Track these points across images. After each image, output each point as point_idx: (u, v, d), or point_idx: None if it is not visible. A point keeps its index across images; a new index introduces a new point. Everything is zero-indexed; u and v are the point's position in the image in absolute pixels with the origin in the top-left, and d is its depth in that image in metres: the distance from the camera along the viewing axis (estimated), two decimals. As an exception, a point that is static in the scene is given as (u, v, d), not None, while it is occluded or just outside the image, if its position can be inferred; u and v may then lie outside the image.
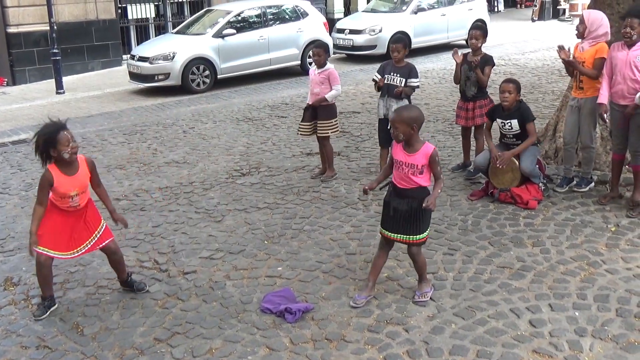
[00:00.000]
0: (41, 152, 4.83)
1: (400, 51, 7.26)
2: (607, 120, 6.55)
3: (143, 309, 4.98)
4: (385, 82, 7.32)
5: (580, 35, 6.51)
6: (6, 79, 16.35)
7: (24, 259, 5.96)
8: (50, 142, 4.75)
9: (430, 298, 4.89)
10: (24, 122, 11.93)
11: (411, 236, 4.78)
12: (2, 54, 16.39)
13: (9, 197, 7.75)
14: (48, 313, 4.97)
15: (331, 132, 7.63)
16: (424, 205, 4.59)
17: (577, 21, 6.74)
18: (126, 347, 4.48)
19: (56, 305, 5.06)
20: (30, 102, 13.97)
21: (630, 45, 6.11)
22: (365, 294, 4.92)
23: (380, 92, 7.47)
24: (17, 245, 6.30)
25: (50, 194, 4.84)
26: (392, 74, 7.29)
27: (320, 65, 7.47)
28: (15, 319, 4.94)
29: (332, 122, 7.55)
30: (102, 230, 5.07)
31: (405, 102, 7.22)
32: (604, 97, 6.29)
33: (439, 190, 4.82)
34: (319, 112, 7.50)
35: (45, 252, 4.78)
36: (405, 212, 4.73)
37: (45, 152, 4.81)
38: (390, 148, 7.39)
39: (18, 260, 5.96)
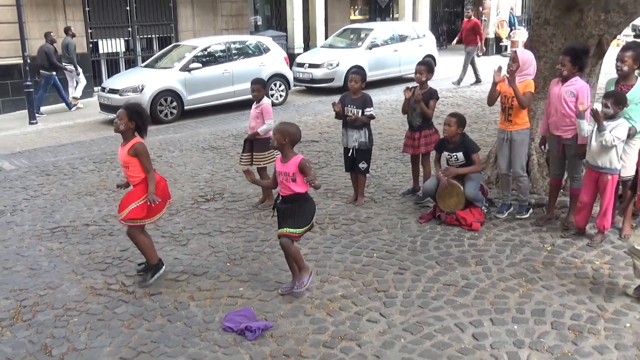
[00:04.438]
0: None
1: (358, 82, 7.37)
2: (545, 148, 6.74)
3: (110, 329, 4.91)
4: (345, 113, 7.40)
5: (513, 72, 6.57)
6: (-20, 110, 16.07)
7: (-5, 283, 5.87)
8: None
9: (381, 314, 4.93)
10: (-3, 151, 11.73)
11: (285, 229, 5.18)
12: (-23, 86, 16.13)
13: (-19, 223, 7.60)
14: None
15: (266, 163, 7.55)
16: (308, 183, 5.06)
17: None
18: (93, 367, 4.43)
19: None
20: (3, 132, 13.71)
21: (563, 81, 6.31)
22: (290, 285, 5.41)
23: (342, 124, 7.56)
24: (-12, 270, 6.19)
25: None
26: (349, 105, 7.38)
27: (258, 100, 7.46)
28: (-15, 342, 4.84)
29: (266, 155, 7.48)
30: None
31: (366, 131, 7.36)
32: (543, 129, 6.48)
33: (313, 179, 5.04)
34: (254, 145, 7.49)
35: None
36: (285, 211, 5.24)
37: None
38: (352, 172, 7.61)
39: (-11, 285, 5.85)
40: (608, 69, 7.73)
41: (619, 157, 5.96)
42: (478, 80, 17.27)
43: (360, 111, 7.30)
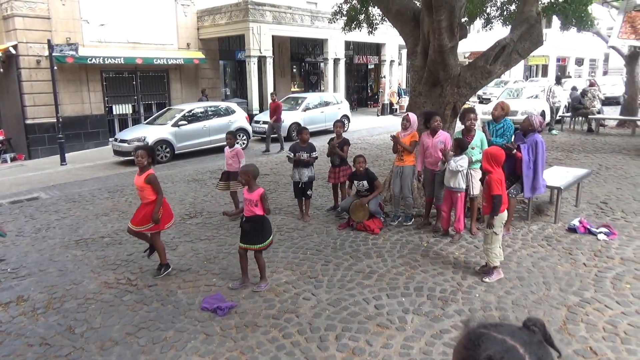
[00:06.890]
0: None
1: (307, 135, 7.45)
2: (421, 178, 6.89)
3: (118, 312, 4.70)
4: (296, 158, 7.36)
5: (405, 128, 6.79)
6: (24, 155, 15.31)
7: (33, 282, 5.54)
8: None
9: (312, 294, 4.90)
10: (36, 185, 11.15)
11: (254, 245, 4.99)
12: (22, 138, 15.38)
13: (22, 238, 7.17)
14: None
15: (238, 188, 7.47)
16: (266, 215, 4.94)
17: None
18: (105, 341, 4.21)
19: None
20: (41, 171, 13.09)
21: (433, 135, 6.50)
22: (240, 282, 5.16)
23: (293, 164, 7.47)
24: (28, 272, 5.83)
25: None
26: (300, 152, 7.35)
27: (231, 145, 7.45)
28: (24, 325, 4.54)
29: (238, 182, 7.42)
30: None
31: (312, 169, 7.37)
32: (419, 165, 6.66)
33: (267, 214, 5.01)
34: (230, 175, 7.46)
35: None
36: (251, 230, 4.97)
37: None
38: (299, 198, 7.51)
39: (28, 283, 5.51)
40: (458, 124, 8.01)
41: (463, 181, 6.16)
42: (267, 150, 14.64)
43: (308, 155, 7.31)
